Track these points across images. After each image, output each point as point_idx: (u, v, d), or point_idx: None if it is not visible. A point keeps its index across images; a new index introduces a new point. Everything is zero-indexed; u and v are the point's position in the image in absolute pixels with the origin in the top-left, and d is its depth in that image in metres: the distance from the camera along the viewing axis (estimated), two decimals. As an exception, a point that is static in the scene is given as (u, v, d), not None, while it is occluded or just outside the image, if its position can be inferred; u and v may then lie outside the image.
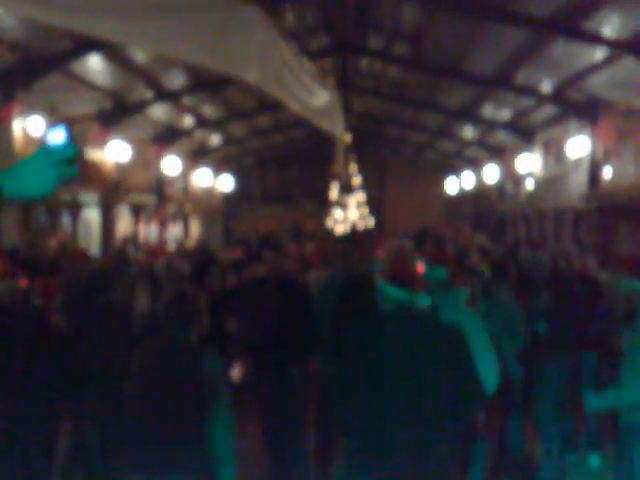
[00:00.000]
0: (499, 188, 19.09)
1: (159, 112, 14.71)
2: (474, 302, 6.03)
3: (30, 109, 10.49)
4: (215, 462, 3.69)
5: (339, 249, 7.02)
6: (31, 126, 10.63)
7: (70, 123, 11.95)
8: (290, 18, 10.96)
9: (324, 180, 21.51)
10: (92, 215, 14.43)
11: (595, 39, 9.31)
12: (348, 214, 22.50)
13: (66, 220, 13.45)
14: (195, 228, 21.14)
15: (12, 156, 10.31)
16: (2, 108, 10.04)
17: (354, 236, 10.92)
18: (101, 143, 13.22)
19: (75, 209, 13.59)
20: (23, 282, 5.06)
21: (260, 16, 4.80)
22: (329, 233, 16.85)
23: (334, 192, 21.72)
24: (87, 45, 9.57)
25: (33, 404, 4.39)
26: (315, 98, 7.88)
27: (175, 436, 3.68)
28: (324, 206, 22.83)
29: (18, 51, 9.49)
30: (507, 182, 18.50)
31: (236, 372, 5.53)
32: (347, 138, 15.25)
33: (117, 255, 8.97)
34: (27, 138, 10.64)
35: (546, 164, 15.46)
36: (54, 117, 11.08)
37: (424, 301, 3.56)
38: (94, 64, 10.73)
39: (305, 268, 7.66)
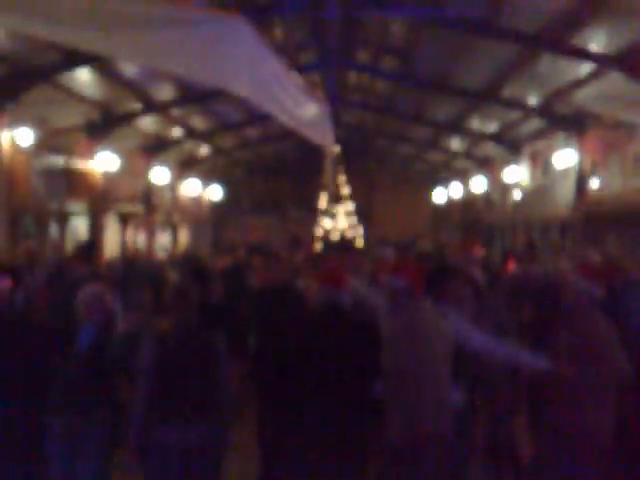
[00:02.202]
0: (486, 198, 19.20)
1: (147, 123, 14.69)
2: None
3: (18, 121, 10.46)
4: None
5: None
6: (19, 138, 10.61)
7: (58, 134, 11.94)
8: (279, 32, 11.00)
9: (313, 190, 21.52)
10: (80, 224, 14.36)
11: (582, 54, 9.42)
12: (337, 223, 22.52)
13: (54, 229, 13.37)
14: (183, 237, 21.09)
15: (0, 167, 10.30)
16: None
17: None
18: (89, 154, 13.20)
19: (63, 218, 13.52)
20: (8, 284, 5.13)
21: (249, 30, 4.82)
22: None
23: (323, 202, 21.73)
24: (75, 58, 9.57)
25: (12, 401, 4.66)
26: (304, 111, 7.88)
27: (192, 397, 4.40)
28: (313, 215, 22.84)
29: (6, 63, 9.49)
30: (494, 192, 18.60)
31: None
32: (336, 150, 15.28)
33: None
34: (15, 149, 10.63)
35: (533, 175, 15.57)
36: (42, 128, 11.05)
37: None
38: (82, 76, 10.72)
39: (295, 275, 7.73)
